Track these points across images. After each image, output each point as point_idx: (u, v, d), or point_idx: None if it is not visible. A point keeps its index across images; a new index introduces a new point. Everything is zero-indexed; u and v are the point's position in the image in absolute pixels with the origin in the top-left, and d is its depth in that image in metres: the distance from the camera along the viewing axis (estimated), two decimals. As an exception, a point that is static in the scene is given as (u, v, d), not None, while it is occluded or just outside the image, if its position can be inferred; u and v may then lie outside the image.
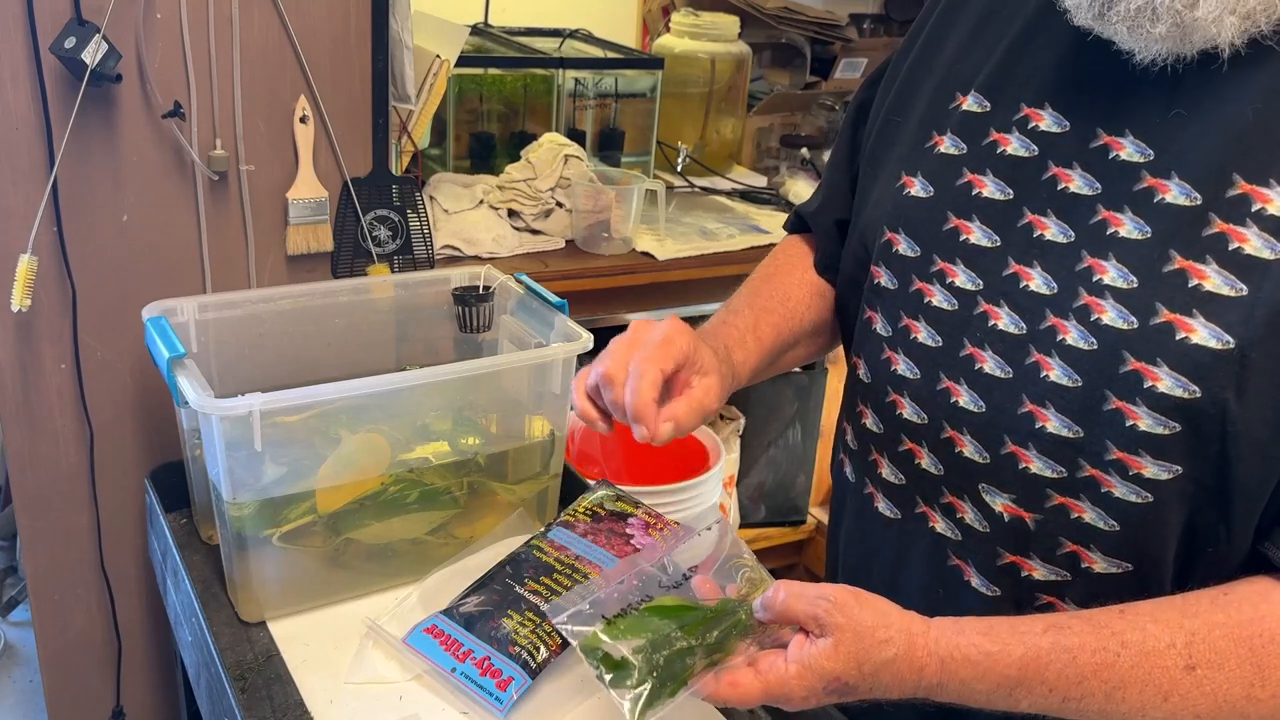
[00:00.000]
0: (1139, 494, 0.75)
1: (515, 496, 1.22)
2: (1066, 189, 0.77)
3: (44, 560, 1.47)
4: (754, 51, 2.31)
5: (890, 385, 0.88)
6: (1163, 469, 0.73)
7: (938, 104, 0.88)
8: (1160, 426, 0.72)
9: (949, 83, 0.88)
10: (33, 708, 2.01)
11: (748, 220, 2.04)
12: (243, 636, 1.06)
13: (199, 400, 0.97)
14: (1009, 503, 0.80)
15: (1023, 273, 0.79)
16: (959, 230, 0.83)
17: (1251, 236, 0.68)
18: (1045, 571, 0.81)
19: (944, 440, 0.84)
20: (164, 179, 1.37)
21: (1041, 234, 0.78)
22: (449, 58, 1.62)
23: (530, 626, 1.01)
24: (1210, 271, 0.70)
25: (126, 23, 1.28)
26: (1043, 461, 0.78)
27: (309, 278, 1.51)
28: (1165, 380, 0.71)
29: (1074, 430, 0.76)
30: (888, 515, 0.91)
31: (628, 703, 0.72)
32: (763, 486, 2.22)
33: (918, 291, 0.85)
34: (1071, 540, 0.79)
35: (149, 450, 1.47)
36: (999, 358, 0.79)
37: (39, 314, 1.35)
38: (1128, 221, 0.74)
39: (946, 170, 0.85)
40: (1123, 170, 0.75)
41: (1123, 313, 0.73)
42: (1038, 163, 0.79)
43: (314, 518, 1.08)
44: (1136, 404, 0.72)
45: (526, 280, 1.30)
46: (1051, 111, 0.80)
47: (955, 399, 0.82)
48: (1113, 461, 0.74)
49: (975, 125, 0.84)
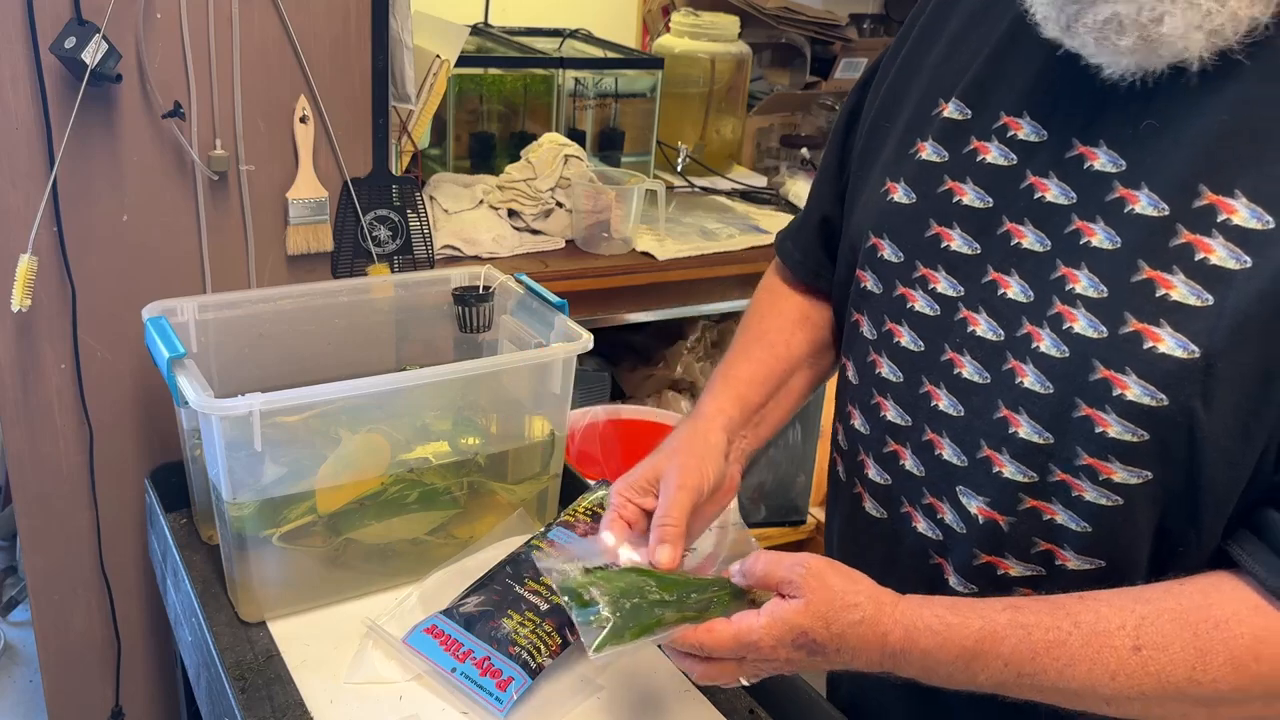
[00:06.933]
0: (1109, 498, 0.75)
1: (515, 496, 1.22)
2: (1043, 198, 0.78)
3: (44, 560, 1.47)
4: (754, 51, 2.31)
5: (875, 388, 0.89)
6: (1132, 474, 0.74)
7: (921, 110, 0.88)
8: (1129, 434, 0.73)
9: (933, 89, 0.88)
10: (33, 708, 2.01)
11: (748, 220, 2.04)
12: (243, 636, 1.06)
13: (199, 400, 0.97)
14: (984, 505, 0.81)
15: (1001, 280, 0.79)
16: (940, 237, 0.84)
17: (1217, 247, 0.69)
18: (1021, 568, 0.82)
19: (925, 442, 0.85)
20: (164, 179, 1.37)
21: (1019, 242, 0.79)
22: (449, 58, 1.62)
23: (530, 626, 1.01)
24: (1177, 282, 0.70)
25: (126, 23, 1.28)
26: (1014, 466, 0.79)
27: (309, 278, 1.51)
28: (1134, 389, 0.71)
29: (1044, 436, 0.77)
30: (875, 515, 0.92)
31: (588, 636, 0.77)
32: (763, 487, 2.22)
33: (901, 296, 0.86)
34: (1045, 540, 0.80)
35: (149, 450, 1.47)
36: (977, 363, 0.80)
37: (39, 314, 1.35)
38: (1100, 231, 0.74)
39: (928, 177, 0.85)
40: (1096, 180, 0.75)
41: (1093, 321, 0.73)
42: (1016, 172, 0.80)
43: (314, 518, 1.08)
44: (1106, 411, 0.73)
45: (526, 280, 1.30)
46: (1030, 121, 0.80)
47: (935, 402, 0.83)
48: (1083, 467, 0.75)
49: (956, 133, 0.84)
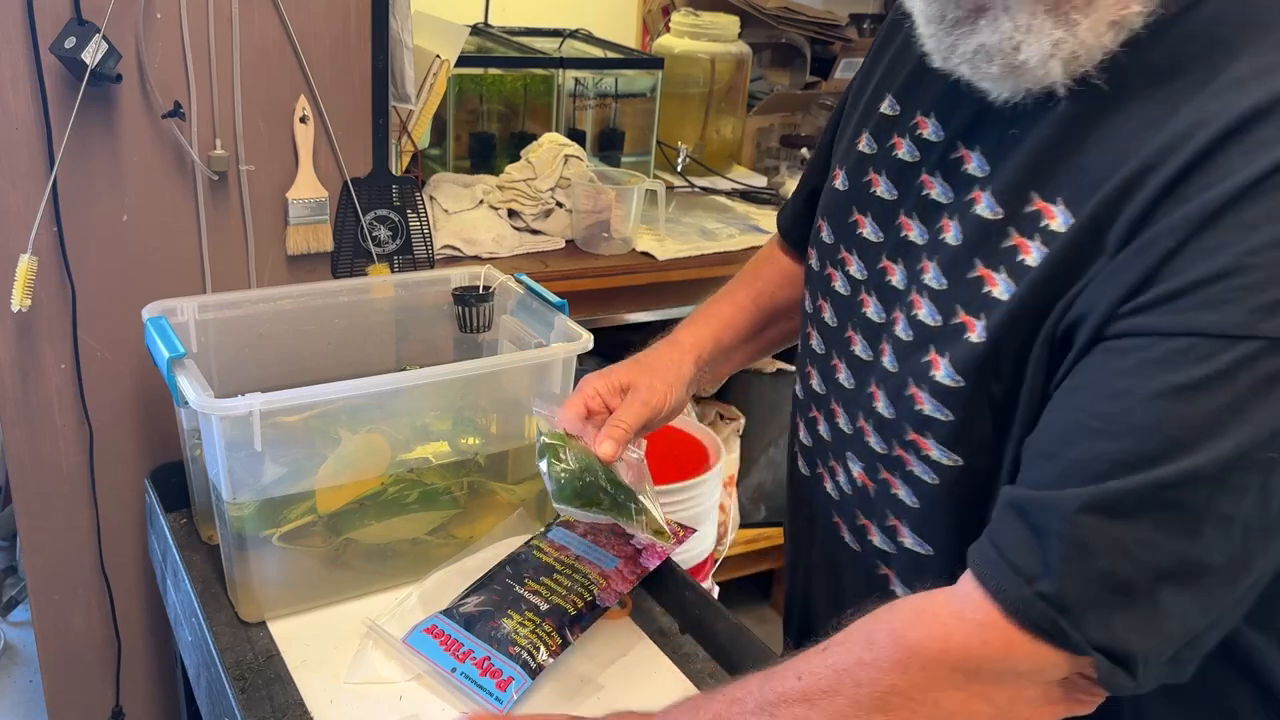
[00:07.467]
0: (930, 475, 0.82)
1: (515, 496, 1.22)
2: (929, 195, 0.84)
3: (44, 560, 1.47)
4: (754, 51, 2.31)
5: (808, 357, 0.98)
6: (944, 454, 0.80)
7: (871, 103, 0.94)
8: (938, 413, 0.79)
9: (882, 83, 0.94)
10: (33, 708, 2.01)
11: (748, 220, 2.04)
12: (243, 636, 1.06)
13: (199, 400, 0.97)
14: (861, 471, 0.89)
15: (889, 268, 0.86)
16: (858, 224, 0.91)
17: (1033, 248, 0.74)
18: (880, 540, 0.89)
19: (831, 410, 0.93)
20: (164, 179, 1.37)
21: (907, 234, 0.85)
22: (449, 58, 1.62)
23: (530, 626, 1.01)
24: (999, 279, 0.75)
25: (126, 23, 1.28)
26: (876, 437, 0.86)
27: (309, 278, 1.51)
28: (942, 369, 0.78)
29: (891, 412, 0.84)
30: (803, 473, 1.01)
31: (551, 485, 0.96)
32: (763, 487, 2.22)
33: (828, 275, 0.94)
34: (893, 514, 0.87)
35: (149, 450, 1.47)
36: (865, 341, 0.88)
37: (39, 314, 1.35)
38: (953, 228, 0.80)
39: (861, 167, 0.92)
40: (965, 182, 0.81)
41: (932, 311, 0.80)
42: (916, 168, 0.86)
43: (314, 518, 1.08)
44: (923, 389, 0.80)
45: (526, 280, 1.30)
46: (934, 121, 0.85)
47: (838, 375, 0.92)
48: (909, 442, 0.82)
49: (886, 127, 0.90)
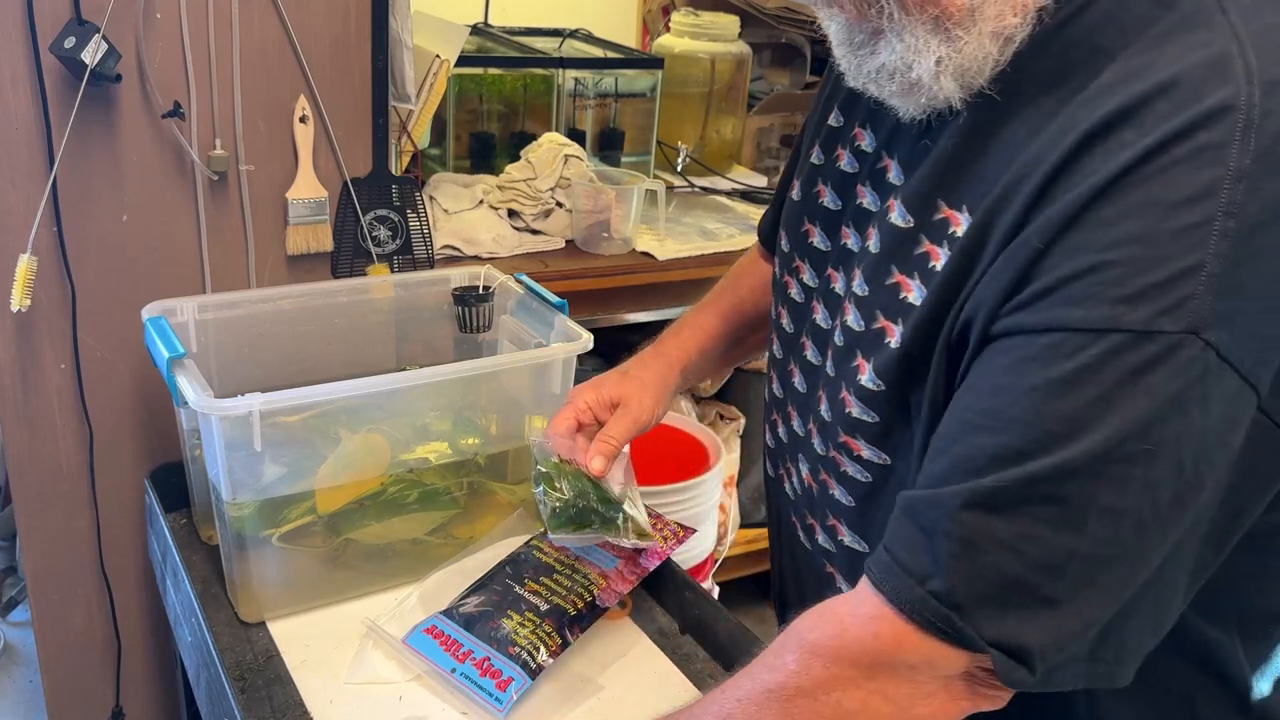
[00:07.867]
0: (862, 474, 0.84)
1: (515, 496, 1.22)
2: (861, 204, 0.86)
3: (44, 560, 1.47)
4: (754, 51, 2.31)
5: (770, 363, 1.01)
6: (875, 454, 0.82)
7: (823, 116, 0.96)
8: (865, 415, 0.81)
9: (832, 96, 0.95)
10: (33, 708, 2.01)
11: (748, 220, 2.04)
12: (243, 636, 1.06)
13: (199, 400, 0.97)
14: (808, 471, 0.92)
15: (833, 276, 0.89)
16: (809, 233, 0.93)
17: (942, 255, 0.75)
18: (823, 538, 0.91)
19: (788, 413, 0.96)
20: (164, 179, 1.37)
21: (845, 243, 0.88)
22: (449, 58, 1.62)
23: (530, 627, 1.01)
24: (914, 285, 0.77)
25: (126, 23, 1.28)
26: (819, 439, 0.89)
27: (309, 278, 1.51)
28: (867, 374, 0.80)
29: (829, 415, 0.86)
30: (770, 474, 1.03)
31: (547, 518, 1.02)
32: (763, 487, 2.22)
33: (785, 283, 0.97)
34: (832, 513, 0.89)
35: (149, 450, 1.47)
36: (815, 347, 0.91)
37: (39, 314, 1.35)
38: (874, 236, 0.82)
39: (812, 178, 0.94)
40: (886, 191, 0.83)
41: (858, 316, 0.82)
42: (855, 178, 0.88)
43: (314, 518, 1.08)
44: (851, 392, 0.82)
45: (526, 280, 1.30)
46: (869, 132, 0.88)
47: (794, 379, 0.94)
48: (842, 444, 0.85)
49: (832, 139, 0.93)
